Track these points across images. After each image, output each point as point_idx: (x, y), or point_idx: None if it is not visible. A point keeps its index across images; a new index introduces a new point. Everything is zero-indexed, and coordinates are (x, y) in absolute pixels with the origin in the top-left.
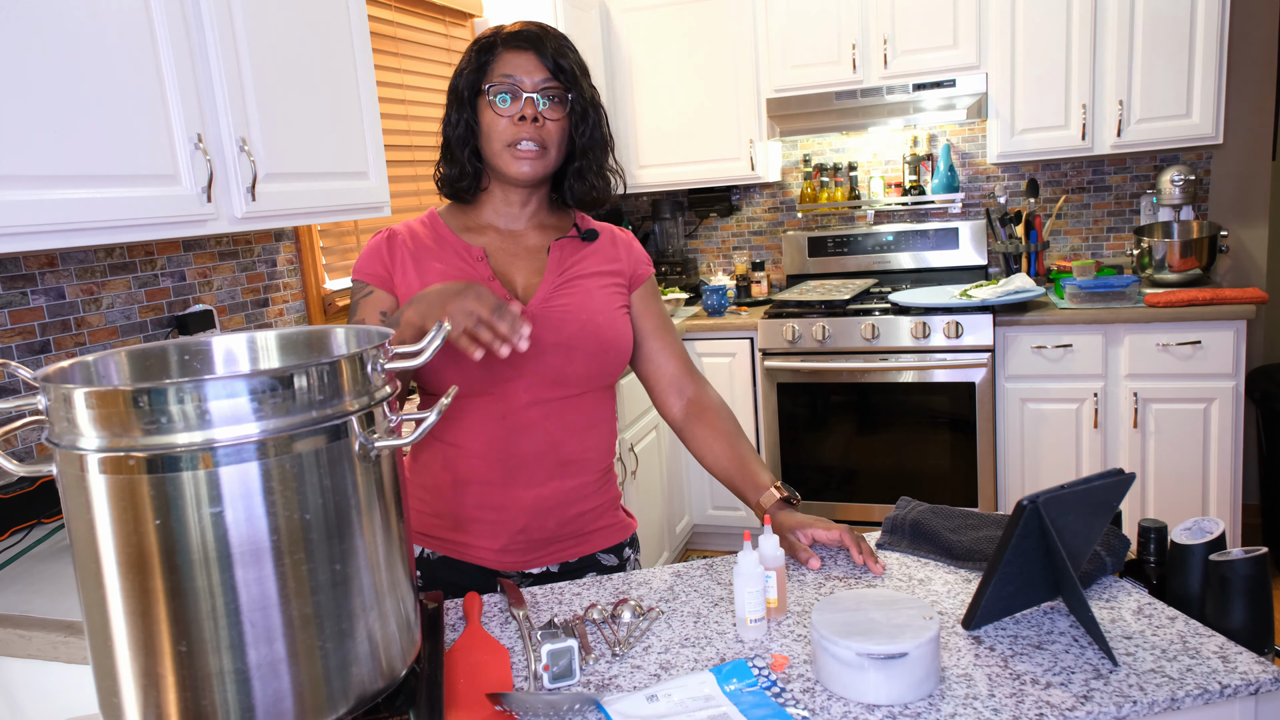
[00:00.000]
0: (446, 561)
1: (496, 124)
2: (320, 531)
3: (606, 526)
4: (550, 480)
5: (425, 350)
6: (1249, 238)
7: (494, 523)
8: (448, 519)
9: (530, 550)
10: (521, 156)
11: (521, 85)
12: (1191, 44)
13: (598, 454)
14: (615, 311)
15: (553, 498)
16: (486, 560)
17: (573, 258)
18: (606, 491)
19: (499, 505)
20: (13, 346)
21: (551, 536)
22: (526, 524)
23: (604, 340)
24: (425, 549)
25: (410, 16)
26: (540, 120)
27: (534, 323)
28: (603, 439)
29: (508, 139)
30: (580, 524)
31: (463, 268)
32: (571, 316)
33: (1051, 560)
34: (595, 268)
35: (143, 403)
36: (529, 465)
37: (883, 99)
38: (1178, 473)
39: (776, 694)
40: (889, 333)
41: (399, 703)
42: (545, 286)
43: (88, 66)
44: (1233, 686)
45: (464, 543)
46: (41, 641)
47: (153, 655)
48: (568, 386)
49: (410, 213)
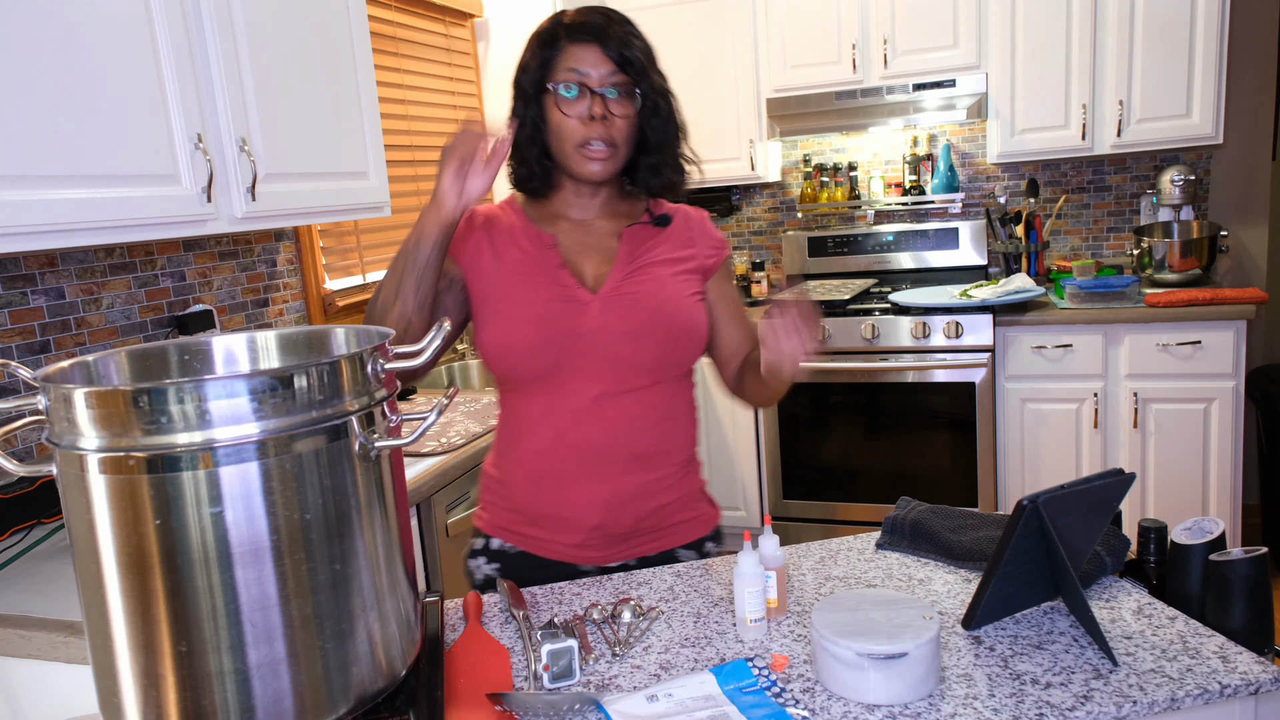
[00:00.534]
0: (525, 556)
1: (565, 124)
2: (320, 531)
3: (687, 521)
4: (624, 475)
5: (425, 350)
6: (1249, 238)
7: (568, 518)
8: (525, 514)
9: (608, 545)
10: (592, 157)
11: (588, 81)
12: (1191, 44)
13: (675, 446)
14: (688, 299)
15: (626, 492)
16: (564, 555)
17: (645, 244)
18: (687, 484)
19: (572, 501)
20: (13, 346)
21: (629, 531)
22: (601, 520)
23: (675, 327)
24: (505, 543)
25: (410, 16)
26: (609, 118)
27: (602, 311)
28: (680, 431)
29: (577, 139)
30: (658, 518)
31: (534, 254)
32: (641, 304)
33: (1051, 560)
34: (668, 254)
35: (143, 403)
36: (601, 460)
37: (883, 99)
38: (1178, 473)
39: (776, 694)
40: (889, 333)
41: (399, 703)
42: (615, 275)
43: (88, 67)
44: (1233, 686)
45: (541, 537)
46: (41, 641)
47: (153, 655)
48: (638, 377)
49: (410, 213)
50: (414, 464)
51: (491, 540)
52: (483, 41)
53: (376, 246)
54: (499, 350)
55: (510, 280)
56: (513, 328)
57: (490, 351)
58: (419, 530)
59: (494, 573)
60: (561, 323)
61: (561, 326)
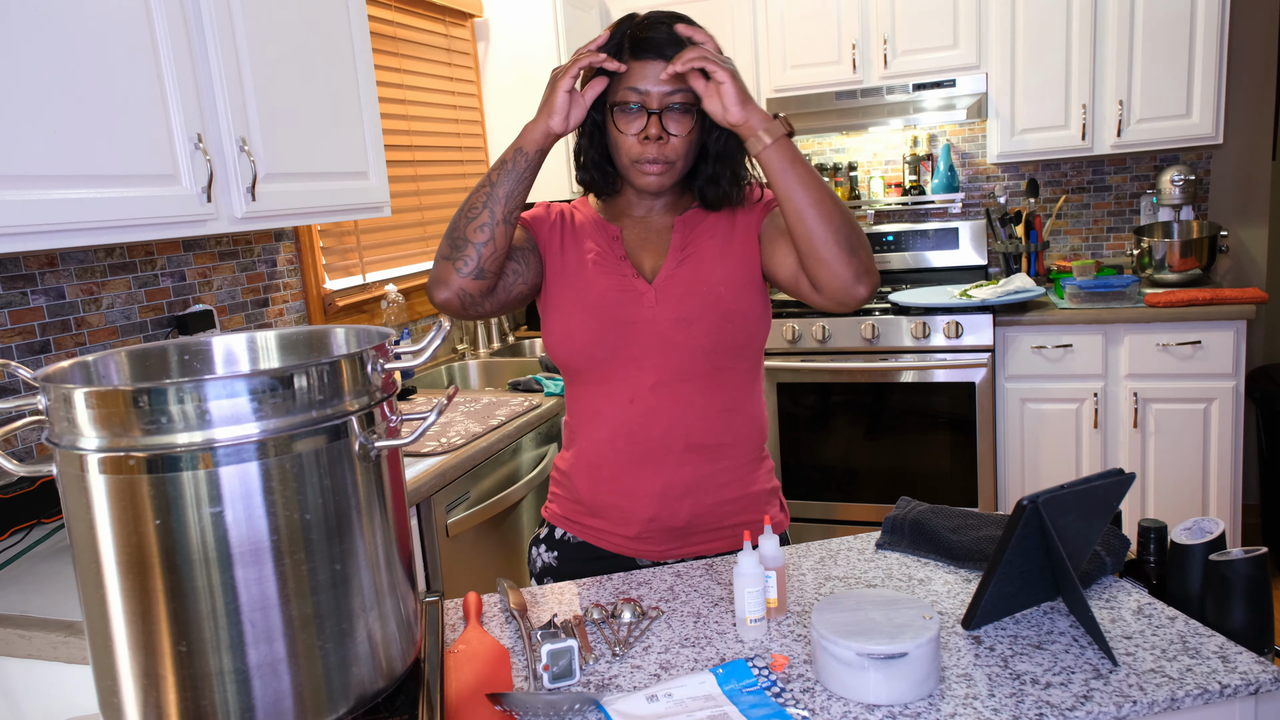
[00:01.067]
0: (584, 546)
1: (622, 140)
2: (320, 531)
3: (751, 523)
4: (681, 466)
5: (426, 350)
6: (1249, 238)
7: (625, 509)
8: (585, 505)
9: (665, 540)
10: (648, 173)
11: (648, 101)
12: (1191, 44)
13: (736, 439)
14: (742, 283)
15: (682, 484)
16: (622, 547)
17: (696, 230)
18: (753, 482)
19: (628, 491)
20: (13, 346)
21: (686, 526)
22: (656, 512)
23: (726, 310)
24: (567, 532)
25: (410, 16)
26: (665, 138)
27: (656, 300)
28: (744, 424)
29: (634, 156)
30: (718, 515)
31: (601, 246)
32: (692, 290)
33: (1051, 560)
34: (719, 236)
35: (143, 403)
36: (657, 450)
37: (883, 99)
38: (1178, 473)
39: (776, 694)
40: (889, 333)
41: (399, 703)
42: (668, 264)
43: (88, 67)
44: (1233, 686)
45: (600, 529)
46: (41, 641)
47: (153, 655)
48: (695, 364)
49: (410, 213)
50: (414, 464)
51: (555, 530)
52: (483, 41)
53: (376, 246)
54: (559, 338)
55: (576, 270)
56: (571, 315)
57: (551, 339)
58: (419, 530)
59: (552, 561)
60: (618, 311)
61: (618, 315)
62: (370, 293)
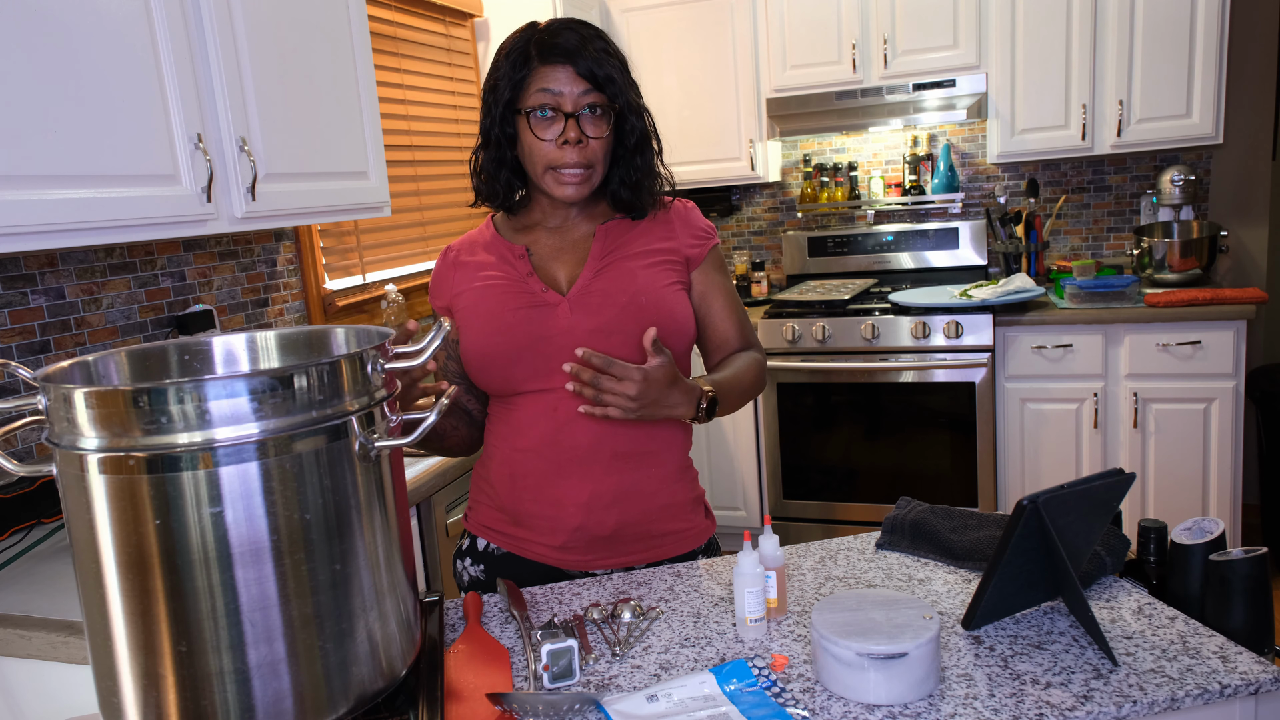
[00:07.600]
0: (510, 557)
1: (538, 147)
2: (320, 531)
3: (677, 532)
4: (606, 475)
5: (425, 350)
6: (1249, 238)
7: (550, 518)
8: (508, 513)
9: (591, 550)
10: (566, 181)
11: (562, 104)
12: (1191, 44)
13: (661, 447)
14: (663, 290)
15: (609, 494)
16: (548, 558)
17: (620, 239)
18: (678, 491)
19: (553, 500)
20: (13, 346)
21: (612, 535)
22: (582, 521)
23: (646, 320)
24: (490, 543)
25: (410, 16)
26: (584, 141)
27: (571, 311)
28: (668, 432)
29: (550, 162)
30: (644, 525)
31: (506, 268)
32: (609, 300)
33: (1051, 560)
34: (644, 246)
35: (143, 403)
36: (582, 459)
37: (883, 99)
38: (1178, 473)
39: (776, 694)
40: (889, 333)
41: (399, 703)
42: (586, 273)
43: (88, 66)
44: (1233, 686)
45: (523, 538)
46: (41, 641)
47: (153, 655)
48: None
49: (410, 213)
50: (414, 464)
51: (477, 541)
52: (483, 41)
53: (376, 246)
54: (476, 364)
55: (481, 297)
56: (484, 340)
57: (470, 367)
58: (419, 530)
59: (479, 574)
60: (530, 328)
61: (531, 331)
62: (370, 293)
